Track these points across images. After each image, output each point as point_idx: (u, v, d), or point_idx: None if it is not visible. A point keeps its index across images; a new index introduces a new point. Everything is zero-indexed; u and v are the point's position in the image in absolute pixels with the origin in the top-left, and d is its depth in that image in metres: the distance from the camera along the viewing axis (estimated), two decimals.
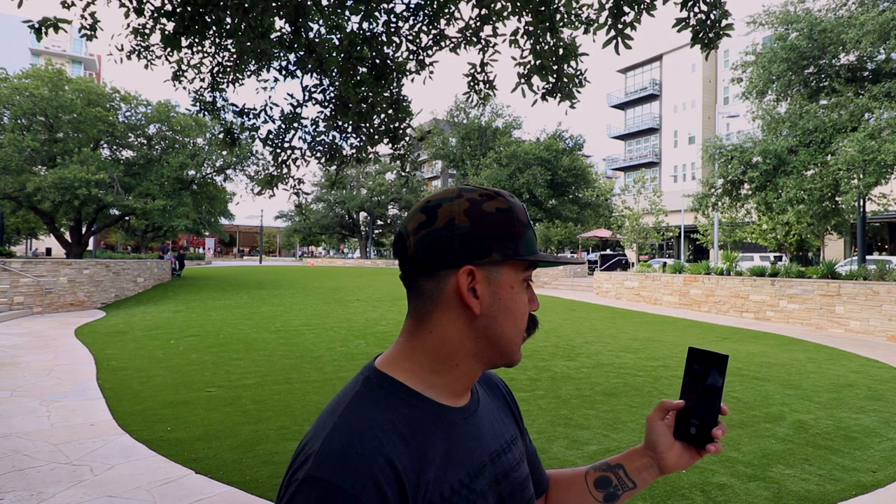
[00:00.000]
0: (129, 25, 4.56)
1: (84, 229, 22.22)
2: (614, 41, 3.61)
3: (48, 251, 41.69)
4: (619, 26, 3.59)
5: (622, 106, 50.56)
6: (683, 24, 3.58)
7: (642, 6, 3.61)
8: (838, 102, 15.77)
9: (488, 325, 0.75)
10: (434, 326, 0.76)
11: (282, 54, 4.68)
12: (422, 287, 0.76)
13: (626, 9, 3.57)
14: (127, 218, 24.87)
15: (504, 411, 0.91)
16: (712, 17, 3.52)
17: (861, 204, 15.89)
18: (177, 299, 17.20)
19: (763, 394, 6.71)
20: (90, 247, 25.88)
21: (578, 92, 4.31)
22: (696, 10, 3.55)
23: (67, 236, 22.23)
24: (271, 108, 4.83)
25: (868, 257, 19.33)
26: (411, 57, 4.61)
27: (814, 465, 4.45)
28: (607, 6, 3.69)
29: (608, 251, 37.11)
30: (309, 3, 4.08)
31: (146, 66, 4.91)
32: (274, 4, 3.93)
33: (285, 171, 4.96)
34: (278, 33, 4.43)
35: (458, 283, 0.74)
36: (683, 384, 0.89)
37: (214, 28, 4.29)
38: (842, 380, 7.57)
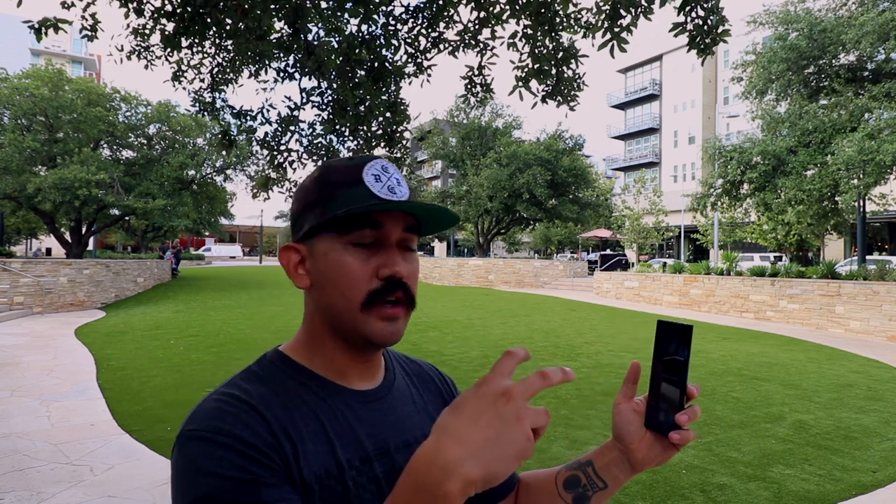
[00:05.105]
0: (129, 26, 4.57)
1: (84, 229, 22.20)
2: (610, 44, 3.61)
3: (48, 251, 41.69)
4: (616, 29, 3.59)
5: (622, 106, 50.54)
6: (681, 28, 3.59)
7: (639, 10, 3.61)
8: (838, 102, 15.78)
9: (319, 298, 0.75)
10: (305, 308, 0.80)
11: (280, 56, 4.68)
12: None
13: (622, 12, 3.57)
14: (127, 218, 24.86)
15: (435, 405, 0.86)
16: (709, 22, 3.52)
17: (861, 204, 15.90)
18: (177, 299, 17.21)
19: (763, 394, 6.71)
20: (90, 247, 25.86)
21: (577, 95, 4.31)
22: (694, 14, 3.55)
23: (67, 236, 22.22)
24: (268, 111, 4.84)
25: (868, 257, 19.34)
26: (409, 60, 4.62)
27: (814, 465, 4.45)
28: (604, 9, 3.69)
29: (608, 251, 37.11)
30: (308, 5, 4.09)
31: (146, 67, 4.92)
32: (273, 6, 3.93)
33: (281, 173, 4.97)
34: (277, 34, 4.43)
35: (281, 262, 0.76)
36: (653, 362, 0.75)
37: (214, 29, 4.30)
38: (842, 380, 7.57)
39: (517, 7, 4.02)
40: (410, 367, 0.90)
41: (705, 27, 3.53)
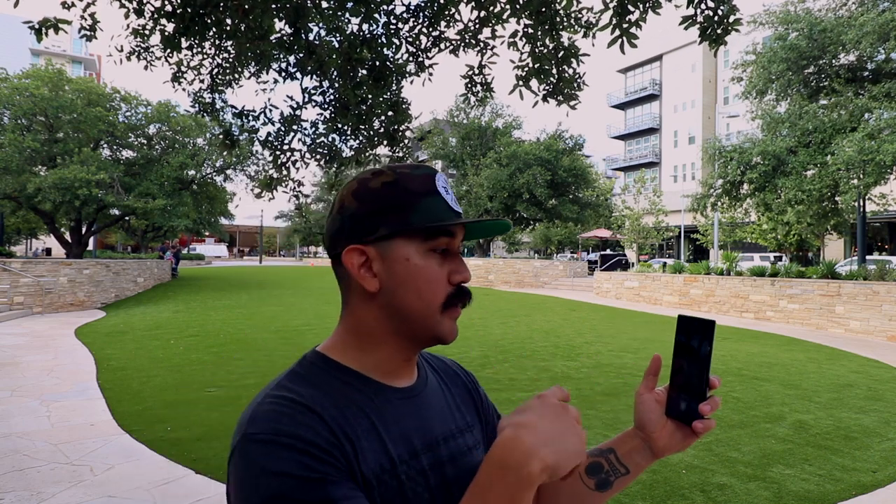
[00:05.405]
0: (128, 26, 4.57)
1: (84, 229, 22.20)
2: (619, 41, 3.60)
3: (48, 251, 41.68)
4: (625, 25, 3.58)
5: (622, 106, 50.56)
6: (690, 21, 3.58)
7: (648, 4, 3.60)
8: (838, 102, 15.79)
9: (390, 300, 0.76)
10: (352, 309, 0.79)
11: (281, 56, 4.68)
12: (337, 274, 0.80)
13: (630, 7, 3.56)
14: (127, 218, 24.86)
15: (463, 399, 0.91)
16: (720, 12, 3.51)
17: (861, 204, 15.90)
18: (177, 299, 17.21)
19: (763, 394, 6.71)
20: (90, 247, 25.86)
21: (577, 94, 4.31)
22: (703, 6, 3.54)
23: (67, 236, 22.22)
24: (271, 111, 4.83)
25: (868, 257, 19.34)
26: (410, 59, 4.62)
27: (814, 465, 4.45)
28: (611, 5, 3.69)
29: (608, 251, 37.11)
30: (309, 4, 4.09)
31: (146, 68, 4.92)
32: (273, 6, 3.93)
33: (285, 173, 4.97)
34: (278, 35, 4.43)
35: (346, 264, 0.76)
36: (673, 356, 0.80)
37: (214, 29, 4.29)
38: (842, 380, 7.57)
39: (517, 6, 4.02)
40: (435, 363, 0.94)
41: (716, 18, 3.52)
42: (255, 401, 0.72)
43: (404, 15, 4.52)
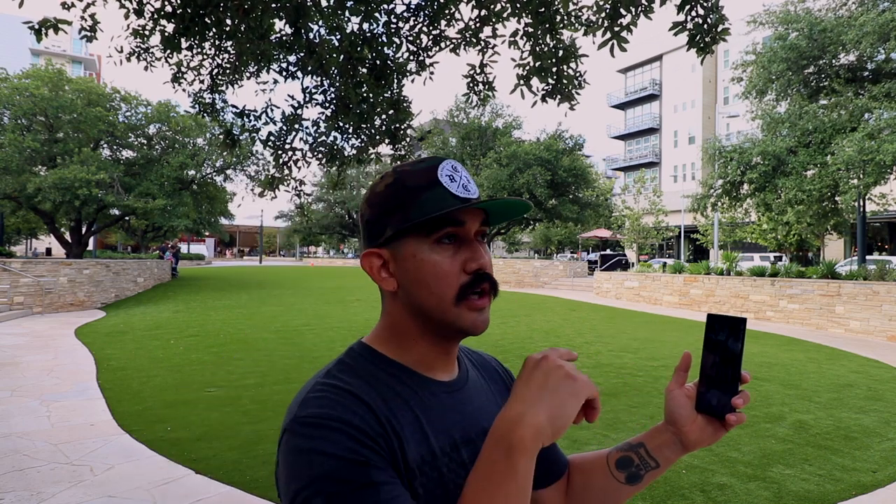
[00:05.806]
0: (128, 27, 4.57)
1: (84, 229, 22.19)
2: (610, 43, 3.61)
3: (48, 251, 41.68)
4: (616, 29, 3.59)
5: (622, 106, 50.55)
6: (680, 27, 3.58)
7: (639, 9, 3.61)
8: (838, 102, 15.78)
9: (408, 299, 0.78)
10: (386, 309, 0.83)
11: (282, 55, 4.68)
12: None
13: (622, 11, 3.57)
14: (127, 218, 24.86)
15: (502, 395, 0.92)
16: (709, 21, 3.52)
17: (861, 204, 15.90)
18: (177, 299, 17.20)
19: (763, 394, 6.71)
20: (90, 247, 25.84)
21: (577, 94, 4.31)
22: (693, 13, 3.55)
23: (67, 236, 22.22)
24: (272, 110, 4.83)
25: (868, 257, 19.33)
26: (411, 58, 4.62)
27: (814, 465, 4.45)
28: (604, 7, 3.70)
29: (608, 251, 37.10)
30: (309, 3, 4.08)
31: (146, 68, 4.92)
32: (274, 6, 3.93)
33: (286, 172, 4.97)
34: (278, 34, 4.43)
35: (364, 268, 0.80)
36: (703, 353, 0.83)
37: (214, 29, 4.29)
38: (842, 380, 7.57)
39: (517, 6, 4.02)
40: (474, 358, 0.95)
41: (705, 26, 3.53)
42: (305, 388, 0.75)
43: (405, 14, 4.52)
